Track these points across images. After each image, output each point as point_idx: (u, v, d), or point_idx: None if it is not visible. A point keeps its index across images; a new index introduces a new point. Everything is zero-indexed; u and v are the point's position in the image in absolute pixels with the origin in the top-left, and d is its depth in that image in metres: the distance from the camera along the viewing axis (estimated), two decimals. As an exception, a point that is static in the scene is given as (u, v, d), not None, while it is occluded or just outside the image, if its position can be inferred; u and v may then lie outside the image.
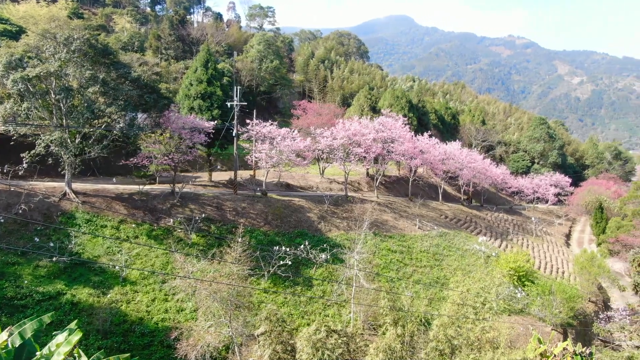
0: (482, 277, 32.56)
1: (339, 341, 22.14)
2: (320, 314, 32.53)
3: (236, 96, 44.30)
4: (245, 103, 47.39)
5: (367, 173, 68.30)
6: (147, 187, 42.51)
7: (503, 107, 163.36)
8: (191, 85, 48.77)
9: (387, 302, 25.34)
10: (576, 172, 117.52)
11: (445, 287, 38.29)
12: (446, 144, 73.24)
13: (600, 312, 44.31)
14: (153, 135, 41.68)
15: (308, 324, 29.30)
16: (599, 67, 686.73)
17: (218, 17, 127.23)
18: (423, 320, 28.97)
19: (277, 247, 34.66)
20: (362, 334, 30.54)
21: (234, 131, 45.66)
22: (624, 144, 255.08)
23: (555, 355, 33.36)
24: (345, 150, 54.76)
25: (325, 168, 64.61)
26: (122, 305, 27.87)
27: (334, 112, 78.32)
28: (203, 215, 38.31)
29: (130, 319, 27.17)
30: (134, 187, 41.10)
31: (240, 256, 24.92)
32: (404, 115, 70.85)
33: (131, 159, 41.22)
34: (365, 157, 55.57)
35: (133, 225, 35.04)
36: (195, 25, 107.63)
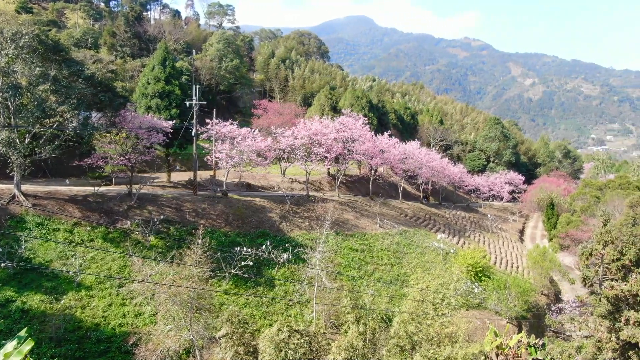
0: (441, 273, 33.41)
1: (302, 341, 22.15)
2: (282, 314, 32.47)
3: (195, 95, 43.57)
4: (205, 102, 46.69)
5: (329, 172, 68.64)
6: (103, 188, 41.22)
7: (460, 107, 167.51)
8: (148, 83, 47.60)
9: (349, 300, 25.58)
10: (529, 170, 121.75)
11: (406, 284, 38.96)
12: (405, 143, 74.44)
13: (552, 305, 46.15)
14: (108, 135, 40.48)
15: (270, 325, 29.18)
16: (550, 69, 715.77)
17: (176, 14, 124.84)
18: (384, 317, 29.44)
19: (239, 248, 34.30)
20: (324, 333, 30.67)
21: (193, 131, 44.89)
22: (573, 143, 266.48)
23: (510, 347, 34.55)
24: (306, 150, 54.86)
25: (286, 168, 64.51)
26: (76, 312, 26.92)
27: (295, 112, 78.28)
28: (162, 216, 37.48)
29: (86, 325, 26.28)
30: (89, 189, 39.76)
31: (200, 258, 24.54)
32: (365, 115, 71.59)
33: (85, 160, 39.86)
34: (326, 156, 55.81)
35: (88, 229, 33.89)
36: (152, 22, 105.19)
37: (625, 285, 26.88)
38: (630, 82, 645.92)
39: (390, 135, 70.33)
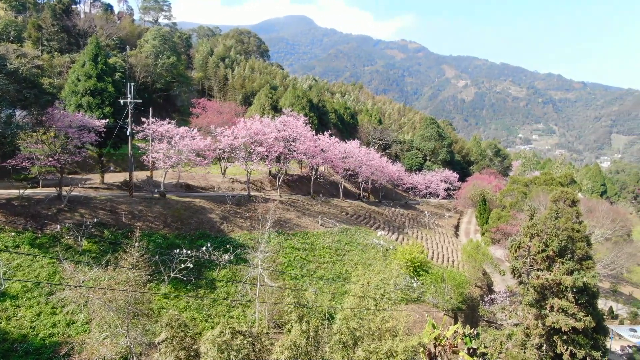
0: (381, 269, 34.15)
1: (245, 342, 21.94)
2: (224, 315, 32.00)
3: (130, 93, 41.94)
4: (141, 100, 45.09)
5: (270, 172, 68.34)
6: (29, 191, 38.74)
7: (398, 107, 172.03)
8: (79, 80, 45.24)
9: (292, 299, 25.60)
10: (463, 168, 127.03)
11: (348, 281, 39.54)
12: (346, 142, 75.56)
13: (485, 296, 48.53)
14: (35, 134, 38.11)
15: (212, 327, 28.68)
16: (481, 71, 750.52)
17: (108, 8, 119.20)
18: (327, 314, 29.77)
19: (178, 250, 33.43)
20: (267, 332, 30.52)
21: (128, 130, 43.18)
22: (502, 142, 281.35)
23: (447, 338, 35.94)
24: (247, 150, 54.34)
25: (227, 167, 63.54)
26: (1, 323, 25.20)
27: (235, 111, 77.34)
28: (95, 219, 35.80)
29: (12, 337, 24.65)
30: (14, 192, 37.27)
31: (137, 262, 23.74)
32: (305, 115, 71.91)
33: (9, 161, 37.24)
34: (267, 156, 55.56)
35: (13, 234, 31.76)
36: (83, 16, 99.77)
37: (550, 274, 28.78)
38: (553, 85, 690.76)
39: (330, 135, 71.13)
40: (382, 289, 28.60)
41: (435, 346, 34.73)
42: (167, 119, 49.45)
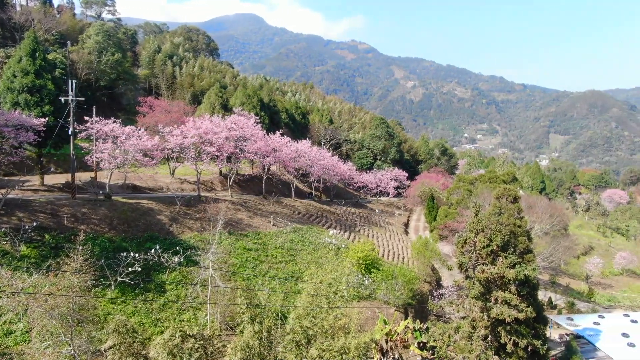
0: (333, 268, 34.53)
1: (196, 345, 21.57)
2: (175, 319, 31.28)
3: (72, 90, 40.15)
4: (83, 98, 43.22)
5: (221, 172, 67.34)
6: (-40, 194, 36.35)
7: (348, 107, 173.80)
8: (15, 77, 42.77)
9: (244, 300, 25.39)
10: (412, 167, 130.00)
11: (300, 281, 39.65)
12: (297, 142, 75.62)
13: (434, 291, 49.93)
14: (-34, 133, 35.80)
15: (162, 332, 27.98)
16: (428, 73, 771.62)
17: (47, 1, 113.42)
18: (280, 314, 29.70)
19: (125, 254, 32.36)
20: (220, 335, 30.09)
21: (70, 129, 41.32)
22: (449, 142, 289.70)
23: (398, 333, 36.82)
24: (196, 149, 53.31)
25: (176, 168, 62.05)
26: None
27: (183, 110, 75.67)
28: (35, 223, 34.00)
29: (-58, 350, 23.08)
30: (-58, 195, 34.86)
31: (81, 266, 22.80)
32: (256, 114, 71.40)
33: (-63, 162, 34.85)
34: (218, 156, 54.72)
35: (-58, 240, 29.72)
36: (18, 8, 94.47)
37: (494, 268, 30.00)
38: (496, 87, 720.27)
39: (282, 134, 70.94)
40: (334, 287, 28.87)
41: (386, 341, 35.49)
42: (112, 118, 47.65)
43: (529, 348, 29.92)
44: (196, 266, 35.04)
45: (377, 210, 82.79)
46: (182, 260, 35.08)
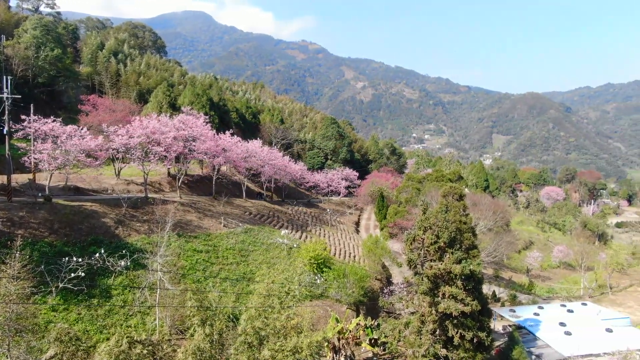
0: (285, 268, 34.45)
1: (144, 351, 21.02)
2: (121, 325, 30.24)
3: (6, 87, 37.92)
4: (20, 96, 40.92)
5: (169, 173, 65.66)
6: None
7: (299, 107, 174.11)
8: (-58, 72, 40.04)
9: (194, 302, 24.94)
10: (362, 167, 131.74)
11: (252, 281, 39.32)
12: (248, 142, 74.93)
13: (384, 288, 50.84)
14: None
15: (108, 339, 27.01)
16: (378, 74, 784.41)
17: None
18: (232, 316, 29.32)
19: (67, 259, 30.94)
20: (169, 339, 29.44)
21: (5, 128, 39.03)
22: (398, 142, 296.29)
23: (350, 331, 37.25)
24: (143, 149, 51.74)
25: (121, 169, 59.89)
26: None
27: (129, 109, 73.36)
28: (-34, 228, 31.97)
29: None
30: None
31: (19, 273, 21.62)
32: (206, 114, 70.22)
33: None
34: (166, 156, 53.37)
35: None
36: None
37: (441, 264, 30.97)
38: (442, 88, 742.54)
39: (232, 134, 70.09)
40: (286, 287, 28.85)
41: (339, 339, 35.82)
42: (51, 117, 45.43)
43: (475, 340, 31.13)
44: (144, 269, 34.02)
45: (328, 210, 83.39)
46: (128, 263, 33.97)
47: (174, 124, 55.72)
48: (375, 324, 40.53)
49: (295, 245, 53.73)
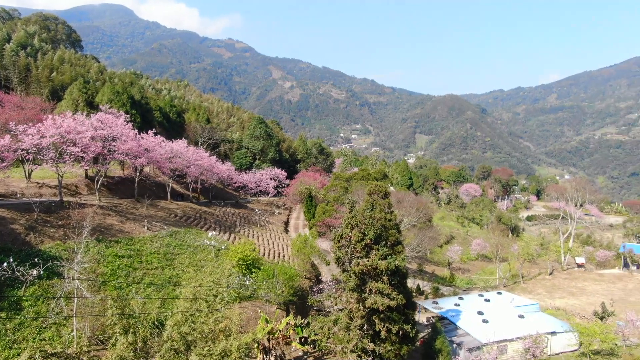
0: (213, 270, 33.80)
1: (60, 364, 19.76)
2: (34, 339, 28.16)
3: None
4: None
5: (87, 175, 62.04)
6: None
7: (226, 106, 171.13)
8: None
9: (116, 310, 23.85)
10: (291, 166, 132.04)
11: (178, 286, 38.20)
12: (172, 142, 72.64)
13: (314, 286, 51.37)
14: None
15: (19, 354, 25.13)
16: (305, 74, 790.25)
17: None
18: (157, 322, 28.33)
19: (-31, 270, 28.35)
20: (88, 350, 27.91)
21: None
22: (326, 141, 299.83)
23: (280, 331, 37.26)
24: (57, 150, 48.43)
25: (32, 171, 55.69)
26: None
27: (41, 107, 68.49)
28: None
29: None
30: None
31: None
32: (126, 112, 67.10)
33: None
34: (83, 157, 50.31)
35: None
36: None
37: (368, 261, 31.81)
38: (368, 89, 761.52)
39: (155, 134, 67.55)
40: (214, 289, 28.36)
41: (269, 340, 35.69)
42: (-51, 115, 41.51)
43: (401, 333, 32.31)
44: (59, 278, 31.91)
45: (257, 210, 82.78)
46: (42, 272, 31.67)
47: (91, 122, 52.73)
48: (305, 322, 40.86)
49: (223, 247, 52.84)
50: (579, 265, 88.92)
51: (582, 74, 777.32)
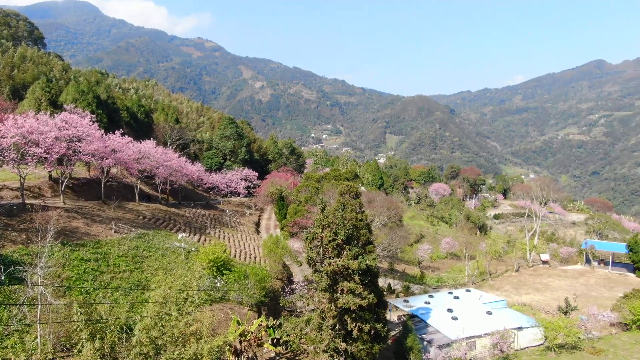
0: (183, 272, 33.26)
1: (23, 373, 19.12)
2: (-5, 347, 27.16)
3: None
4: None
5: (51, 176, 60.20)
6: None
7: (196, 106, 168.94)
8: None
9: (81, 315, 23.24)
10: (262, 167, 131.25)
11: (147, 289, 37.50)
12: (140, 142, 71.28)
13: (286, 287, 51.19)
14: None
15: (-22, 363, 24.19)
16: (276, 74, 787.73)
17: None
18: (125, 327, 27.72)
19: None
20: (53, 358, 27.11)
21: None
22: (297, 141, 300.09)
23: (252, 332, 37.03)
24: (19, 151, 46.82)
25: (-8, 172, 53.91)
26: None
27: (1, 106, 66.08)
28: None
29: None
30: None
31: None
32: (92, 112, 65.44)
33: None
34: (46, 158, 48.84)
35: None
36: None
37: (340, 260, 31.94)
38: (339, 90, 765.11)
39: (123, 134, 66.13)
40: (184, 292, 27.93)
41: (240, 342, 35.42)
42: None
43: (372, 332, 32.57)
44: (21, 284, 30.86)
45: (227, 211, 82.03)
46: (2, 278, 30.60)
47: (55, 123, 51.19)
48: (277, 323, 40.71)
49: (193, 249, 52.12)
50: (544, 262, 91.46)
51: (546, 76, 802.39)
